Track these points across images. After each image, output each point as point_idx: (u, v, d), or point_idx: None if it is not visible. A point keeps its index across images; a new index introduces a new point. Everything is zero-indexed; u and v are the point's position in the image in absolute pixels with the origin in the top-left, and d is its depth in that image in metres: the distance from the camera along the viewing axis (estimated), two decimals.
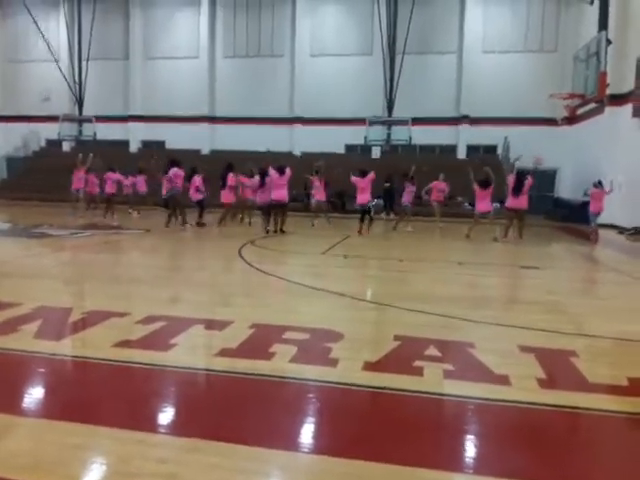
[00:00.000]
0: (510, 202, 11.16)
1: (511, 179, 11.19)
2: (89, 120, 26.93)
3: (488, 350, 3.67)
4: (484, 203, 11.51)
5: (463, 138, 26.27)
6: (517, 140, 24.04)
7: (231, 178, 12.21)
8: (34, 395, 2.85)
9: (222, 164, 12.75)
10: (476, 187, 11.54)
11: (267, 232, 11.49)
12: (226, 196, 12.38)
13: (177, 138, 27.82)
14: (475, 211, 11.84)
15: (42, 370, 3.19)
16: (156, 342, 3.65)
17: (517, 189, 11.04)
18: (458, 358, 3.57)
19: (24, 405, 2.68)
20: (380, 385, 3.01)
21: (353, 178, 11.91)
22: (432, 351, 3.59)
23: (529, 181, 11.12)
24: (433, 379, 3.12)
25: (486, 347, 3.74)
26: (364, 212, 11.90)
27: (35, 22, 27.62)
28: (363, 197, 11.79)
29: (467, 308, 5.08)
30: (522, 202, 11.12)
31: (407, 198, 13.07)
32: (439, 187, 13.53)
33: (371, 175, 11.80)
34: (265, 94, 27.95)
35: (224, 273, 7.16)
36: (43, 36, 27.90)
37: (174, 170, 12.15)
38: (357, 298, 5.37)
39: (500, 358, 3.52)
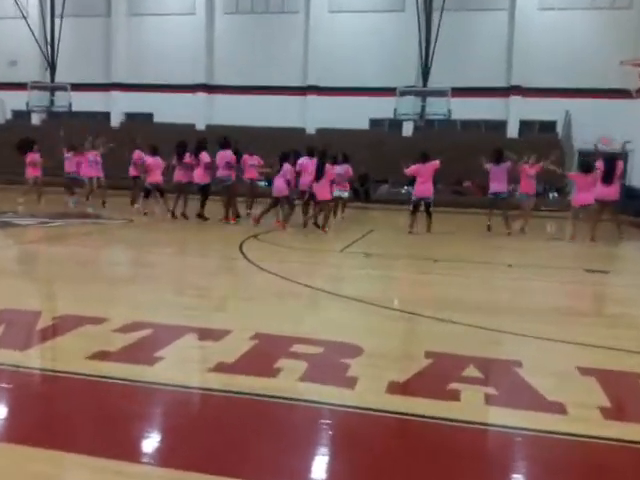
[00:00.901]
0: (599, 191, 11.06)
1: (600, 164, 11.14)
2: (63, 88, 27.17)
3: (539, 371, 3.64)
4: (586, 193, 11.29)
5: (514, 112, 26.08)
6: (580, 115, 23.81)
7: (205, 155, 12.10)
8: None
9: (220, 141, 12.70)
10: (575, 174, 11.59)
11: (306, 225, 11.69)
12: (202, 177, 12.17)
13: (167, 110, 28.04)
14: (573, 203, 11.78)
15: (3, 385, 3.23)
16: (139, 354, 3.68)
17: (608, 176, 10.97)
18: (503, 380, 3.54)
19: None
20: (408, 411, 2.99)
21: (412, 168, 11.77)
22: (471, 371, 3.57)
23: (620, 166, 11.11)
24: (472, 405, 3.10)
25: (537, 367, 3.71)
26: (417, 206, 11.86)
27: None
28: (424, 188, 11.73)
29: (515, 319, 5.04)
30: (613, 192, 11.06)
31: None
32: (529, 173, 12.38)
33: (435, 163, 11.73)
34: (274, 58, 28.00)
35: (221, 273, 7.20)
36: None
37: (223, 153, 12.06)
38: (380, 305, 5.35)
39: (554, 381, 3.48)
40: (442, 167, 11.98)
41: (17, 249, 8.39)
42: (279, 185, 11.50)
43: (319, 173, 11.04)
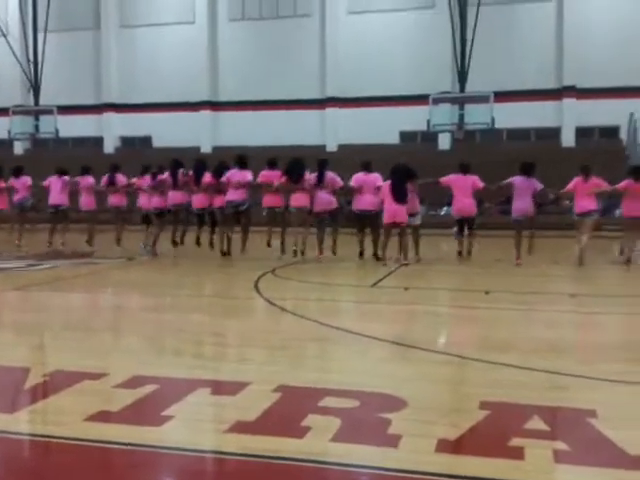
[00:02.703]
0: None
1: None
2: (49, 111, 27.84)
3: (617, 421, 3.57)
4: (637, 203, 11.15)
5: (569, 118, 26.08)
6: None
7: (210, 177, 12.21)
8: None
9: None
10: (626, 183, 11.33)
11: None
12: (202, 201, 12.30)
13: (168, 133, 28.58)
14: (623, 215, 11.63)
15: None
16: (144, 414, 3.68)
17: None
18: (574, 433, 3.47)
19: None
20: (462, 473, 2.94)
21: (450, 177, 11.78)
22: (535, 423, 3.51)
23: None
24: (539, 464, 3.04)
25: (614, 416, 3.65)
26: (462, 226, 11.86)
27: None
28: (462, 205, 11.73)
29: (583, 360, 4.97)
30: None
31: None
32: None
33: (475, 178, 11.69)
34: (287, 69, 28.46)
35: (237, 315, 7.21)
36: None
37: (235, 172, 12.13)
38: (424, 348, 5.30)
39: (636, 432, 3.42)
40: (486, 183, 11.94)
41: (1, 297, 8.51)
42: (324, 197, 11.48)
43: (398, 192, 10.98)
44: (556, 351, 5.30)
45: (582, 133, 26.07)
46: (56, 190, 13.81)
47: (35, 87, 29.39)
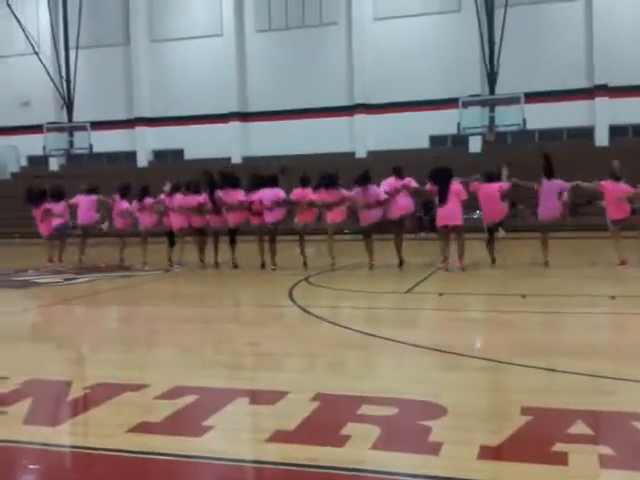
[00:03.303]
0: None
1: None
2: (82, 128, 28.38)
3: None
4: None
5: (602, 117, 25.70)
6: None
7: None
8: None
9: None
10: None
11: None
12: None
13: (199, 145, 28.83)
14: None
15: (34, 466, 3.30)
16: (185, 424, 3.72)
17: None
18: (619, 437, 3.42)
19: None
20: None
21: (473, 185, 11.62)
22: (579, 428, 3.47)
23: None
24: (584, 469, 3.00)
25: None
26: (492, 232, 11.75)
27: (8, 5, 29.07)
28: (488, 210, 11.52)
29: (627, 362, 4.91)
30: None
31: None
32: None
33: (501, 185, 11.51)
34: (314, 77, 28.57)
35: (272, 324, 7.24)
36: (18, 21, 29.40)
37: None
38: (462, 354, 5.27)
39: None
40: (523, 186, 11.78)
41: (41, 312, 8.66)
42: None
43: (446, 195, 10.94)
44: (599, 354, 5.24)
45: (616, 132, 25.68)
46: (85, 208, 13.86)
47: (68, 104, 29.96)
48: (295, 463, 3.13)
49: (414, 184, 11.41)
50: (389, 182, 11.48)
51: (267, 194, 11.71)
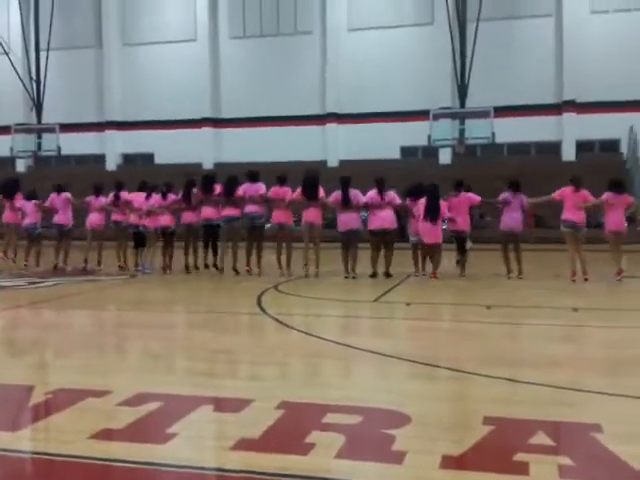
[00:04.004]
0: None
1: None
2: (51, 130, 28.04)
3: (622, 436, 3.56)
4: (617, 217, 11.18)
5: (569, 132, 26.20)
6: None
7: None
8: None
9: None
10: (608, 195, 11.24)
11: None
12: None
13: (170, 150, 28.71)
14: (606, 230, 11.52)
15: None
16: (148, 431, 3.69)
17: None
18: (579, 448, 3.46)
19: None
20: None
21: (447, 201, 11.71)
22: (540, 438, 3.51)
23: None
24: (544, 479, 3.03)
25: (619, 431, 3.63)
26: (459, 243, 11.91)
27: None
28: (458, 222, 11.70)
29: (588, 374, 4.98)
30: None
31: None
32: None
33: (470, 197, 11.77)
34: (287, 85, 28.66)
35: (239, 331, 7.22)
36: None
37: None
38: (426, 363, 5.30)
39: None
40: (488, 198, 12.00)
41: (2, 315, 8.53)
42: (352, 217, 11.46)
43: (434, 212, 11.05)
44: (561, 366, 5.30)
45: (582, 147, 26.17)
46: (62, 208, 13.60)
47: (37, 105, 29.58)
48: (259, 471, 3.12)
49: (398, 200, 11.55)
50: (371, 195, 11.57)
51: (249, 188, 11.84)
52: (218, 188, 12.11)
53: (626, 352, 5.98)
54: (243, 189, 11.86)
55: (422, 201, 11.31)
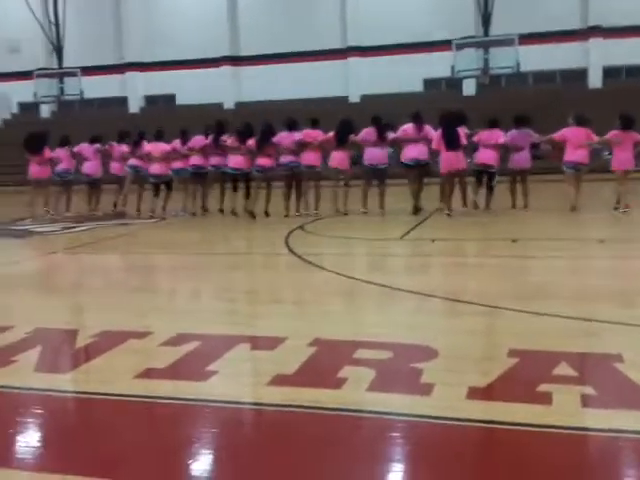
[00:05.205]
0: None
1: None
2: (73, 74, 27.92)
3: None
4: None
5: (596, 58, 25.48)
6: None
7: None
8: (35, 444, 3.11)
9: (254, 121, 12.76)
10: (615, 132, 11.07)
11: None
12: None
13: (190, 90, 28.50)
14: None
15: (47, 412, 3.46)
16: (190, 370, 3.87)
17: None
18: (601, 378, 3.58)
19: (22, 457, 2.94)
20: (492, 419, 3.07)
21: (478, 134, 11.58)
22: (563, 369, 3.61)
23: None
24: (567, 408, 3.15)
25: (639, 360, 3.74)
26: (480, 176, 11.85)
27: None
28: (484, 155, 11.60)
29: (612, 306, 5.05)
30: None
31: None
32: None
33: (496, 132, 11.57)
34: (307, 19, 28.09)
35: (269, 271, 7.39)
36: None
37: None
38: (453, 299, 5.42)
39: None
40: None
41: (41, 260, 8.78)
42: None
43: (451, 139, 10.89)
44: (585, 298, 5.38)
45: (609, 73, 25.48)
46: (92, 157, 13.77)
47: (58, 49, 29.43)
48: (295, 404, 3.29)
49: (432, 133, 11.45)
50: (405, 129, 11.51)
51: (286, 137, 11.79)
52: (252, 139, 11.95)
53: None
54: (278, 139, 11.80)
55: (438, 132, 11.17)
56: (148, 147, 12.99)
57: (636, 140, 10.94)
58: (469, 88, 26.51)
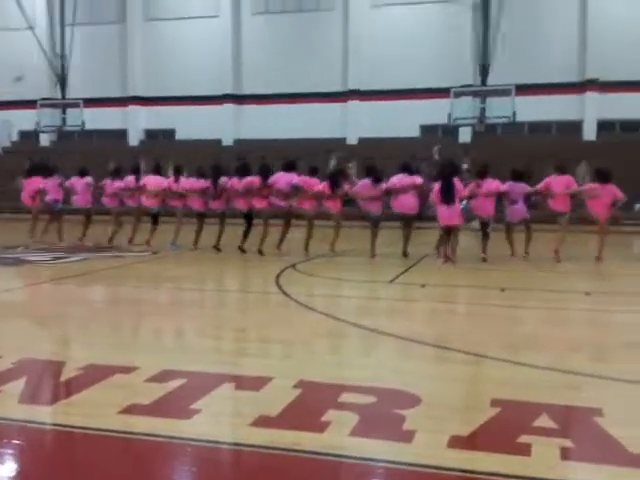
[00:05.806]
0: None
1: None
2: (75, 105, 28.15)
3: (622, 420, 3.70)
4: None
5: (591, 111, 25.89)
6: None
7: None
8: (11, 476, 3.11)
9: (251, 158, 12.92)
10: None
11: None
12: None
13: (191, 126, 28.76)
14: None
15: (29, 444, 3.46)
16: (174, 407, 3.88)
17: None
18: (580, 431, 3.62)
19: None
20: (472, 468, 3.08)
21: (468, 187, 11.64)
22: (544, 421, 3.65)
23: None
24: (545, 460, 3.17)
25: (619, 416, 3.78)
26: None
27: None
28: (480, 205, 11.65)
29: (595, 359, 5.13)
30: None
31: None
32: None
33: (496, 184, 11.52)
34: (309, 62, 28.49)
35: (258, 310, 7.40)
36: None
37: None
38: (439, 346, 5.46)
39: (639, 431, 3.54)
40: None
41: (32, 290, 8.77)
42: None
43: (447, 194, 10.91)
44: (569, 350, 5.41)
45: (603, 127, 25.88)
46: (79, 192, 13.95)
47: (62, 80, 29.75)
48: (278, 447, 3.30)
49: (419, 181, 11.62)
50: (399, 178, 11.64)
51: (282, 177, 11.88)
52: (253, 179, 12.06)
53: (632, 337, 6.06)
54: (275, 179, 11.89)
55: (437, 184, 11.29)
56: (144, 180, 13.15)
57: (614, 195, 11.08)
58: (465, 135, 26.84)
